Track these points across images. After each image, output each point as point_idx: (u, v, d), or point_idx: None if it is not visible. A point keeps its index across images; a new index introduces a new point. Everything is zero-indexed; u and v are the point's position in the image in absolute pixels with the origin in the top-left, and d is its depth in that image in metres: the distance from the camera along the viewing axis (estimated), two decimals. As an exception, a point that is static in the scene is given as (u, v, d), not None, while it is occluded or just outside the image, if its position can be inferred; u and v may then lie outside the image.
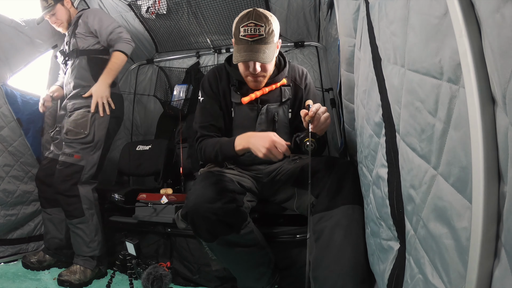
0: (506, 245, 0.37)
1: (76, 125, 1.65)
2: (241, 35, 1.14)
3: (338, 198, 1.01)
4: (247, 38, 1.13)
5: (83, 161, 1.63)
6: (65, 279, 1.47)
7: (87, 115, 1.67)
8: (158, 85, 2.71)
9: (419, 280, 0.57)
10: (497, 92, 0.36)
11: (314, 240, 1.02)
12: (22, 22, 1.80)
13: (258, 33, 1.12)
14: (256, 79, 1.23)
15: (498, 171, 0.38)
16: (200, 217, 1.02)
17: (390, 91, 0.65)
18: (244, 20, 1.14)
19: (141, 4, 2.23)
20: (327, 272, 0.95)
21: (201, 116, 1.31)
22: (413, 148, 0.56)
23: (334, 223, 0.98)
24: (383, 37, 0.67)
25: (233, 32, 1.19)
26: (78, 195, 1.58)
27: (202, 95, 1.34)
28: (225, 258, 1.17)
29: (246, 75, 1.23)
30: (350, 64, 1.02)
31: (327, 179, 1.06)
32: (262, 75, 1.22)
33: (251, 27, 1.12)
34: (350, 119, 1.18)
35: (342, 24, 1.07)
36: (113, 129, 1.80)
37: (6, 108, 1.74)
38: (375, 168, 0.80)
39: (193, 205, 1.04)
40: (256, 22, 1.12)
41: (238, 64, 1.21)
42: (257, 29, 1.12)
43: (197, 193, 1.07)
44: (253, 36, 1.12)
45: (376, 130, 0.77)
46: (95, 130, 1.67)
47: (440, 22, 0.44)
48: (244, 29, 1.13)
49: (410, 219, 0.61)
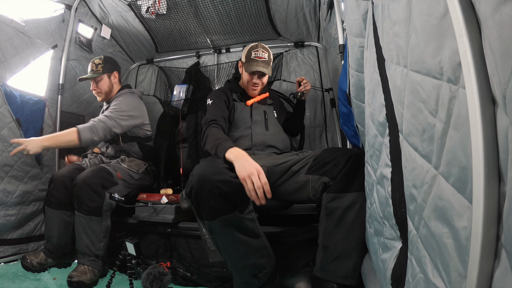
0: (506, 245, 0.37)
1: (132, 166, 1.86)
2: (252, 56, 1.65)
3: (352, 184, 1.13)
4: (257, 59, 1.65)
5: (121, 182, 1.72)
6: (77, 280, 1.46)
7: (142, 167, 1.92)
8: (158, 85, 2.71)
9: (421, 280, 0.57)
10: (497, 92, 0.36)
11: (325, 214, 1.16)
12: (22, 22, 1.80)
13: (264, 57, 1.66)
14: (256, 87, 1.71)
15: (498, 171, 0.38)
16: (204, 191, 1.05)
17: (394, 92, 0.65)
18: (254, 47, 1.68)
19: (141, 4, 2.23)
20: (336, 244, 1.12)
21: (213, 111, 1.60)
22: (416, 148, 0.56)
23: (346, 205, 1.12)
24: (387, 38, 0.67)
25: (245, 55, 1.70)
26: (104, 196, 1.58)
27: (211, 99, 1.68)
28: (224, 243, 1.16)
29: (250, 83, 1.70)
30: (360, 65, 1.01)
31: (344, 164, 1.16)
32: (261, 84, 1.72)
33: (260, 52, 1.66)
34: (362, 119, 1.19)
35: (351, 25, 1.07)
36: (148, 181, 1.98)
37: (5, 108, 1.74)
38: (379, 168, 0.80)
39: (197, 178, 1.06)
40: (262, 49, 1.67)
41: (244, 76, 1.72)
42: (263, 54, 1.66)
43: (202, 168, 1.11)
44: (261, 58, 1.65)
45: (380, 130, 0.78)
46: (143, 179, 1.89)
47: (440, 23, 0.45)
48: (255, 53, 1.66)
49: (412, 218, 0.61)
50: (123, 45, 2.64)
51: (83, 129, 1.67)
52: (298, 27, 2.33)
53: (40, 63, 1.99)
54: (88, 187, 1.55)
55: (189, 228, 1.56)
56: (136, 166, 1.87)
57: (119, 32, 2.51)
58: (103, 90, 1.94)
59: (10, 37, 1.73)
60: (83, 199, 1.54)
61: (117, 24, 2.44)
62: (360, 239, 1.10)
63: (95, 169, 1.66)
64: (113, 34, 2.51)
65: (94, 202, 1.55)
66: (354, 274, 1.09)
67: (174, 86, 2.55)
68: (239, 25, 2.34)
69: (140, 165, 1.90)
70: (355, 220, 1.11)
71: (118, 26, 2.46)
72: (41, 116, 1.97)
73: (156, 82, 2.73)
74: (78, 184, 1.56)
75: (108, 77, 1.94)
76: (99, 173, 1.63)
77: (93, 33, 2.33)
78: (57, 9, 2.04)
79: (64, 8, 2.08)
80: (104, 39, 2.44)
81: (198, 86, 2.54)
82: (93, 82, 1.92)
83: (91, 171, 1.62)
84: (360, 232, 1.10)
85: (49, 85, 2.06)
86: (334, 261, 1.12)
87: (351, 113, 1.31)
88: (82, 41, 2.24)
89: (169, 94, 2.64)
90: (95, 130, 1.69)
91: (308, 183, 1.26)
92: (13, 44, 1.75)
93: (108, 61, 1.97)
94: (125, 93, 1.96)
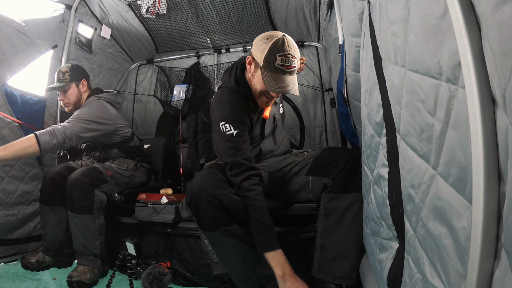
0: (506, 245, 0.37)
1: (120, 164, 1.86)
2: (277, 64, 1.14)
3: (351, 185, 1.13)
4: (283, 69, 1.15)
5: (111, 181, 1.72)
6: (76, 280, 1.47)
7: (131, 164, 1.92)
8: (158, 85, 2.71)
9: (418, 280, 0.57)
10: (497, 92, 0.36)
11: (324, 214, 1.16)
12: (22, 22, 1.79)
13: (293, 65, 1.17)
14: (270, 100, 1.31)
15: (498, 171, 0.38)
16: (205, 201, 1.05)
17: (391, 91, 0.65)
18: (281, 49, 1.14)
19: (141, 4, 2.23)
20: (334, 244, 1.12)
21: (243, 144, 1.21)
22: (413, 148, 0.56)
23: (346, 206, 1.13)
24: (384, 38, 0.67)
25: (265, 56, 1.15)
26: (93, 193, 1.60)
27: (234, 127, 1.21)
28: (226, 254, 1.15)
29: (264, 96, 1.27)
30: (357, 64, 1.02)
31: (344, 165, 1.16)
32: (277, 97, 1.28)
33: (289, 58, 1.15)
34: (359, 119, 1.19)
35: (348, 24, 1.07)
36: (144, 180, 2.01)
37: (6, 108, 1.73)
38: (376, 168, 0.80)
39: (198, 188, 1.07)
40: (292, 53, 1.16)
41: (258, 84, 1.23)
42: (293, 61, 1.16)
43: (203, 178, 1.10)
44: (289, 68, 1.16)
45: (377, 130, 0.77)
46: (134, 176, 1.89)
47: (439, 23, 0.44)
48: (281, 59, 1.14)
49: (409, 218, 0.61)
50: (123, 45, 2.64)
51: (41, 133, 1.55)
52: (298, 27, 2.33)
53: (40, 63, 1.99)
54: (78, 187, 1.57)
55: (189, 228, 1.56)
56: (124, 164, 1.88)
57: (119, 32, 2.51)
58: (71, 100, 1.83)
59: (10, 37, 1.73)
60: (74, 199, 1.56)
61: (117, 24, 2.44)
62: (358, 239, 1.10)
63: (85, 168, 1.68)
64: (113, 34, 2.51)
65: (84, 201, 1.56)
66: (352, 275, 1.09)
67: (174, 86, 2.56)
68: (239, 25, 2.34)
69: (128, 163, 1.91)
70: (353, 220, 1.11)
71: (118, 26, 2.46)
72: (42, 116, 1.97)
73: (156, 82, 2.73)
74: (68, 185, 1.58)
75: (76, 86, 1.84)
76: (88, 172, 1.65)
77: (93, 33, 2.32)
78: (57, 9, 2.04)
79: (64, 8, 2.08)
80: (104, 39, 2.44)
81: (198, 86, 2.54)
82: (61, 92, 1.82)
83: (81, 171, 1.64)
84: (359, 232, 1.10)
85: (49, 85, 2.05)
86: (332, 262, 1.11)
87: (349, 113, 1.31)
88: (82, 41, 2.24)
89: (169, 94, 2.64)
90: (53, 133, 1.56)
91: (308, 184, 1.26)
92: (13, 44, 1.75)
93: (75, 69, 1.87)
94: (90, 102, 1.83)
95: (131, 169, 1.89)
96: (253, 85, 1.27)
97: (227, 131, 1.20)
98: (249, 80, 1.29)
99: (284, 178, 1.33)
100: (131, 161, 1.94)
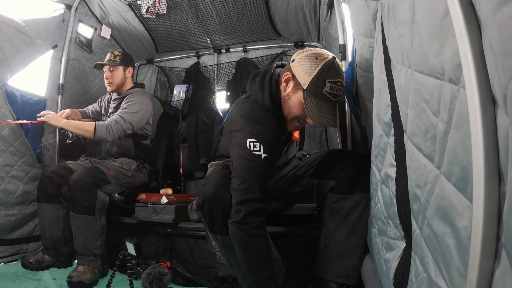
0: (506, 245, 0.37)
1: (123, 164, 1.89)
2: (325, 91, 1.04)
3: (357, 185, 1.14)
4: (331, 97, 1.05)
5: (114, 181, 1.72)
6: (77, 280, 1.47)
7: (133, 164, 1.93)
8: (158, 85, 2.71)
9: (424, 279, 0.58)
10: (498, 93, 0.36)
11: (330, 214, 1.17)
12: (22, 22, 1.79)
13: (340, 94, 1.08)
14: (301, 126, 1.21)
15: (499, 171, 0.38)
16: (219, 206, 1.01)
17: (399, 92, 0.66)
18: (333, 75, 1.04)
19: (141, 4, 2.23)
20: (338, 243, 1.13)
21: (261, 172, 1.03)
22: (419, 147, 0.57)
23: (351, 206, 1.13)
24: (392, 38, 0.68)
25: (313, 80, 1.03)
26: (95, 194, 1.59)
27: (265, 151, 1.04)
28: (237, 257, 1.08)
29: (300, 122, 1.16)
30: (370, 65, 0.99)
31: (350, 167, 1.17)
32: None
33: (338, 87, 1.05)
34: (370, 119, 1.19)
35: (360, 25, 1.06)
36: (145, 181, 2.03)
37: (6, 108, 1.73)
38: (384, 168, 0.81)
39: (212, 192, 1.03)
40: (342, 81, 1.06)
41: (295, 109, 1.11)
42: (341, 90, 1.07)
43: (218, 181, 1.05)
44: (337, 97, 1.07)
45: (386, 129, 0.78)
46: (135, 176, 1.90)
47: (441, 23, 0.45)
48: (331, 86, 1.04)
49: (416, 218, 0.62)
50: (123, 45, 2.64)
51: (100, 126, 1.74)
52: (298, 27, 2.33)
53: (40, 63, 1.99)
54: (80, 187, 1.57)
55: (189, 228, 1.56)
56: (127, 164, 1.89)
57: (119, 32, 2.51)
58: (116, 81, 1.97)
59: (10, 37, 1.72)
60: (76, 199, 1.56)
61: (117, 24, 2.44)
62: (362, 239, 1.11)
63: (87, 168, 1.69)
64: (113, 34, 2.50)
65: (86, 201, 1.56)
66: (355, 274, 1.10)
67: (174, 86, 2.56)
68: (239, 25, 2.34)
69: (131, 163, 1.92)
70: (358, 220, 1.12)
71: (118, 26, 2.46)
72: (42, 116, 1.97)
73: (156, 82, 2.73)
74: (70, 185, 1.58)
75: (123, 70, 1.99)
76: (91, 172, 1.65)
77: (93, 33, 2.32)
78: (57, 9, 2.04)
79: (64, 8, 2.08)
80: (104, 39, 2.43)
81: (198, 86, 2.54)
82: (108, 70, 1.96)
83: (83, 171, 1.64)
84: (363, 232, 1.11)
85: (49, 85, 2.05)
86: (335, 260, 1.12)
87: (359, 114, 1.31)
88: (82, 41, 2.24)
89: (169, 94, 2.65)
90: (110, 130, 1.75)
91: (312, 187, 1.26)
92: (13, 44, 1.75)
93: (126, 56, 2.05)
94: (138, 93, 1.98)
95: (134, 170, 1.90)
96: (288, 107, 1.13)
97: (255, 150, 1.03)
98: (283, 99, 1.15)
99: (287, 182, 1.33)
100: (134, 161, 1.94)
